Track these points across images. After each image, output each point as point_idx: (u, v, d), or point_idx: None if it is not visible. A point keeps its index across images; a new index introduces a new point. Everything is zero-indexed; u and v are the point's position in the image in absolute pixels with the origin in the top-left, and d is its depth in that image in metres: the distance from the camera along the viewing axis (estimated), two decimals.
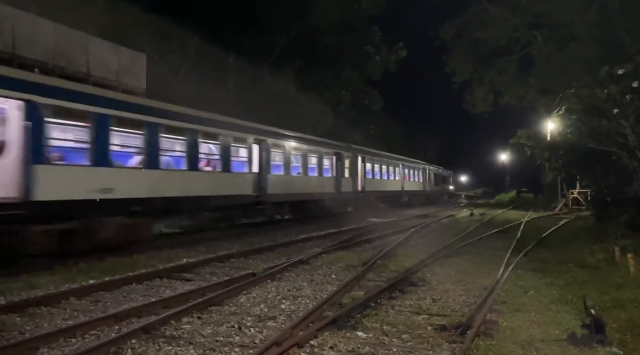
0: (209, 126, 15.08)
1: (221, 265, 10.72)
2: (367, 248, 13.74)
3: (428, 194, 44.83)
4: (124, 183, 11.81)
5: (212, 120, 15.43)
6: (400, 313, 7.07)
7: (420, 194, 42.00)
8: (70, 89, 10.87)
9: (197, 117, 14.76)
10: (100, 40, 13.28)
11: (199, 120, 14.74)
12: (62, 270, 9.57)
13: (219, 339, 5.74)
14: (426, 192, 44.25)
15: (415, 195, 40.10)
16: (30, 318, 6.60)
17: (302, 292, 8.23)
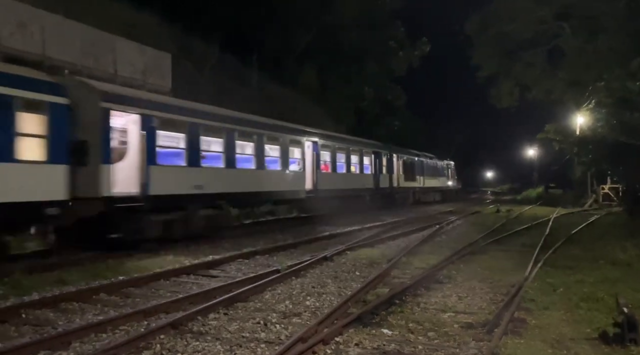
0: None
1: (246, 261, 10.82)
2: (391, 245, 13.68)
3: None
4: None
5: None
6: (426, 310, 7.02)
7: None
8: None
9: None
10: (127, 41, 13.55)
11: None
12: (91, 266, 9.80)
13: (245, 335, 5.79)
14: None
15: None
16: (62, 313, 6.77)
17: (327, 288, 8.24)
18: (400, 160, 30.36)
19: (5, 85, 8.95)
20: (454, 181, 47.45)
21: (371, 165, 25.53)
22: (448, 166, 45.10)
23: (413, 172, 33.33)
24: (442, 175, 42.72)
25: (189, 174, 13.02)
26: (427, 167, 36.76)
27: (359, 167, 24.07)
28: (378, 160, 26.30)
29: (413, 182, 33.36)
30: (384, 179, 27.41)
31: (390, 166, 28.37)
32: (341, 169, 22.32)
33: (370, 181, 25.43)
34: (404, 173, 31.02)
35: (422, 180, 35.27)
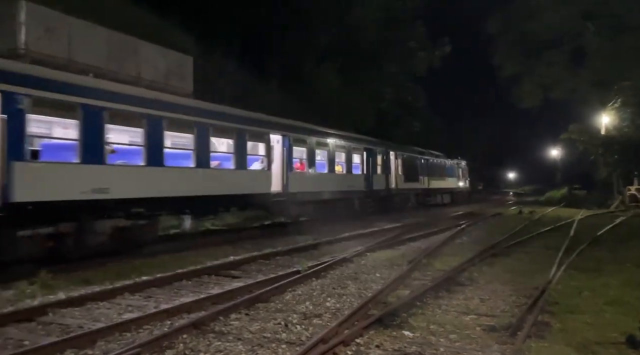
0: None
1: (267, 262, 10.89)
2: (412, 246, 13.60)
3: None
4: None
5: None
6: (447, 313, 6.96)
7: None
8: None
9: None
10: (150, 44, 13.70)
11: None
12: (115, 266, 9.97)
13: (267, 335, 5.83)
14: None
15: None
16: (88, 312, 6.91)
17: (347, 290, 8.24)
18: (399, 159, 27.37)
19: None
20: (466, 182, 43.83)
21: (362, 164, 22.51)
22: (458, 165, 41.33)
23: (416, 172, 30.26)
24: (452, 176, 38.96)
25: (84, 174, 10.13)
26: (432, 166, 33.60)
27: (345, 166, 21.01)
28: (371, 159, 23.29)
29: (415, 183, 30.22)
30: (379, 179, 24.24)
31: (386, 165, 25.37)
32: (322, 168, 19.18)
33: (360, 182, 22.36)
34: (405, 173, 27.96)
35: (426, 181, 32.11)
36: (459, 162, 41.39)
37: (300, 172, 17.82)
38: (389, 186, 25.67)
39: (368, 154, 23.02)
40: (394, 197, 26.64)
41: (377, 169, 24.13)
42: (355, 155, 21.95)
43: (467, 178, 44.20)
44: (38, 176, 9.39)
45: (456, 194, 39.72)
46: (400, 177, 27.36)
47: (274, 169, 16.32)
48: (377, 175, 23.95)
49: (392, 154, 26.46)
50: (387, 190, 25.25)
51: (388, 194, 25.46)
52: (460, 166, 41.51)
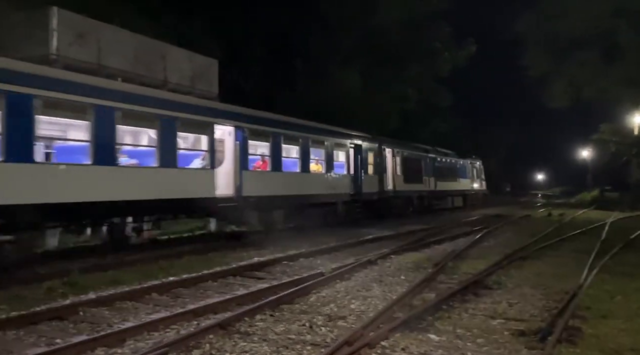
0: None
1: (291, 264, 10.92)
2: (438, 249, 13.45)
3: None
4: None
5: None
6: (475, 316, 6.86)
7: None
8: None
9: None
10: (176, 48, 13.94)
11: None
12: (143, 267, 10.14)
13: (291, 337, 5.84)
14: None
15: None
16: (117, 311, 7.04)
17: (372, 292, 8.20)
18: (397, 157, 24.00)
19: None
20: (481, 183, 39.35)
21: (348, 163, 19.39)
22: (473, 165, 37.05)
23: (419, 172, 26.81)
24: (464, 177, 34.93)
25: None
26: (440, 165, 30.02)
27: (325, 164, 17.83)
28: (360, 157, 19.98)
29: (419, 185, 26.64)
30: (370, 180, 20.86)
31: (381, 164, 22.02)
32: (292, 167, 16.23)
33: (345, 184, 19.07)
34: (405, 173, 24.56)
35: (432, 182, 28.44)
36: (473, 162, 37.30)
37: (261, 172, 15.03)
38: (385, 188, 22.36)
39: (356, 151, 19.88)
40: (391, 201, 23.24)
41: (368, 168, 20.84)
42: (338, 152, 19.05)
43: (483, 179, 39.82)
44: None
45: (470, 197, 35.92)
46: (398, 177, 23.98)
47: (223, 168, 13.60)
48: (367, 176, 20.65)
49: (389, 151, 23.25)
50: (381, 192, 21.84)
51: (383, 197, 22.08)
52: (474, 166, 37.48)
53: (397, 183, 23.76)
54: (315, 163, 17.54)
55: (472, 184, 36.66)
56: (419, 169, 26.88)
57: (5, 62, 9.01)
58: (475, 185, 37.33)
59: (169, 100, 12.10)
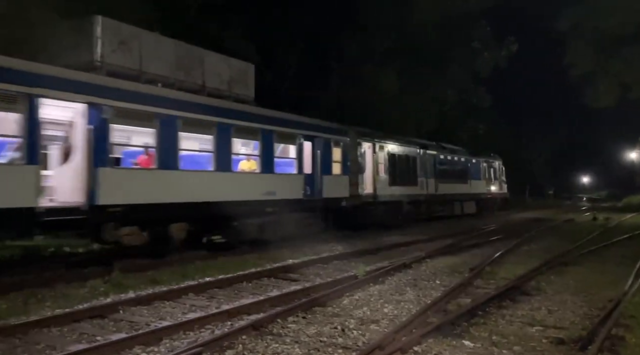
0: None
1: (324, 266, 10.94)
2: (475, 253, 13.18)
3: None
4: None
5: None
6: (512, 323, 6.69)
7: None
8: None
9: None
10: (214, 53, 14.22)
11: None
12: (180, 267, 10.39)
13: (323, 339, 5.86)
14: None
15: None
16: (155, 311, 7.24)
17: (405, 296, 8.12)
18: (380, 154, 19.52)
19: None
20: (501, 185, 33.67)
21: (299, 159, 14.84)
22: (489, 164, 31.59)
23: (413, 172, 21.94)
24: (477, 177, 29.52)
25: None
26: (444, 164, 25.21)
27: (261, 161, 13.44)
28: (320, 152, 15.68)
29: (411, 187, 21.69)
30: (336, 183, 16.36)
31: (355, 162, 17.71)
32: (201, 164, 12.43)
33: (294, 187, 14.64)
34: (392, 173, 20.06)
35: (431, 185, 23.52)
36: (489, 160, 31.90)
37: (136, 170, 11.04)
38: (360, 192, 17.97)
39: (315, 145, 15.59)
40: (371, 208, 18.68)
41: (333, 166, 16.36)
42: (284, 145, 14.86)
43: (503, 180, 34.12)
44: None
45: (485, 202, 30.61)
46: (382, 179, 19.46)
47: (72, 165, 9.79)
48: (332, 177, 16.19)
49: (368, 146, 18.91)
50: (354, 197, 17.36)
51: (357, 204, 17.58)
52: (492, 165, 32.03)
53: (379, 186, 19.18)
54: (248, 159, 13.53)
55: (487, 187, 31.17)
56: (413, 168, 22.06)
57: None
58: (492, 187, 31.90)
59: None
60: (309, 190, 15.28)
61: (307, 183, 15.29)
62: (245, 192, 13.02)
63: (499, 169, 33.36)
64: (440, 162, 24.95)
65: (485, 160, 31.26)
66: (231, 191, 12.51)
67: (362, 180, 18.40)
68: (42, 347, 5.59)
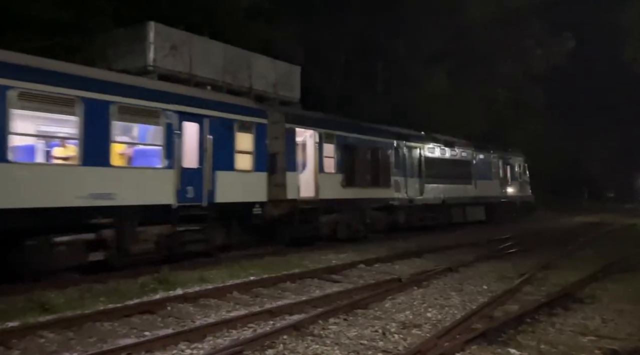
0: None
1: (368, 268, 10.87)
2: (526, 258, 12.71)
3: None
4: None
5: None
6: (562, 332, 6.42)
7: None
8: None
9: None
10: (261, 56, 14.48)
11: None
12: (226, 266, 10.62)
13: (364, 342, 5.82)
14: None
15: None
16: (200, 308, 7.43)
17: (450, 301, 7.95)
18: (330, 145, 14.78)
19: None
20: (523, 187, 27.84)
21: (168, 147, 10.52)
22: (505, 162, 25.79)
23: (384, 170, 16.80)
24: (487, 177, 23.79)
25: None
26: (432, 160, 19.55)
27: (84, 146, 9.09)
28: (212, 137, 11.41)
29: (381, 190, 16.58)
30: (242, 182, 12.10)
31: (288, 155, 13.27)
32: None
33: (162, 186, 10.45)
34: (348, 171, 15.21)
35: (412, 186, 18.21)
36: (505, 156, 25.94)
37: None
38: (293, 195, 13.21)
39: (204, 127, 11.27)
40: (313, 217, 13.99)
41: (237, 159, 11.98)
42: (140, 125, 10.69)
43: (525, 181, 28.29)
44: None
45: (499, 207, 24.53)
46: (330, 178, 14.62)
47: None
48: (234, 175, 11.86)
49: (308, 134, 14.33)
50: (275, 203, 12.81)
51: (285, 212, 13.03)
52: (508, 162, 26.05)
53: (325, 187, 14.31)
54: (61, 146, 9.37)
55: (502, 189, 25.25)
56: (384, 165, 16.85)
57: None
58: (509, 190, 25.86)
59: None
60: (190, 193, 10.91)
61: (187, 182, 10.82)
62: (48, 195, 8.58)
63: (519, 167, 27.45)
64: (429, 157, 19.34)
65: (499, 156, 25.19)
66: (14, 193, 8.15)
67: (295, 180, 13.45)
68: (94, 340, 5.86)
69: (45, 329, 6.06)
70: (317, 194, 14.19)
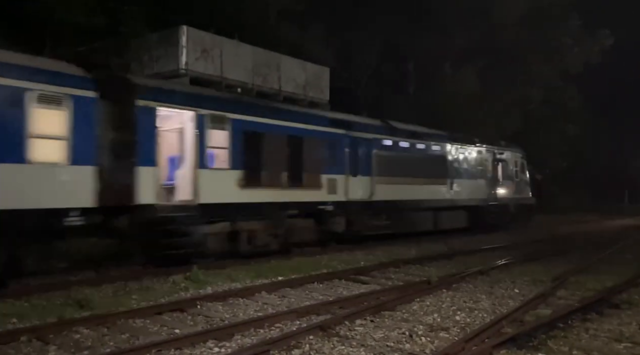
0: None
1: (396, 270, 10.82)
2: (560, 262, 12.39)
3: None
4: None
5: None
6: (596, 338, 6.23)
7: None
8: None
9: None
10: (290, 58, 14.57)
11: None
12: (255, 266, 10.74)
13: (390, 344, 5.80)
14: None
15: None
16: (229, 307, 7.54)
17: (480, 304, 7.82)
18: (219, 131, 11.44)
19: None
20: (517, 188, 23.04)
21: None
22: (495, 157, 21.44)
23: (311, 167, 13.31)
24: (472, 176, 19.85)
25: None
26: (389, 153, 15.94)
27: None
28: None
29: (306, 191, 13.17)
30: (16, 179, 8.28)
31: (115, 143, 9.63)
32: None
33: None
34: (249, 166, 11.84)
35: (356, 186, 14.56)
36: (494, 150, 21.53)
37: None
38: (139, 200, 9.79)
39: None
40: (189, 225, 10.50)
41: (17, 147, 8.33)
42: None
43: (524, 181, 23.85)
44: None
45: (486, 212, 20.33)
46: (220, 176, 11.33)
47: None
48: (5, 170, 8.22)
49: (189, 116, 11.00)
50: (112, 213, 9.59)
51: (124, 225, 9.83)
52: (499, 158, 21.67)
53: (211, 187, 10.97)
54: None
55: (491, 190, 20.98)
56: (311, 159, 13.29)
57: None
58: (500, 191, 21.52)
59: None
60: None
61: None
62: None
63: (516, 165, 23.05)
64: (383, 151, 15.67)
65: (487, 151, 21.01)
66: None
67: (151, 178, 9.97)
68: (127, 336, 6.02)
69: (80, 324, 6.27)
70: (195, 197, 10.66)
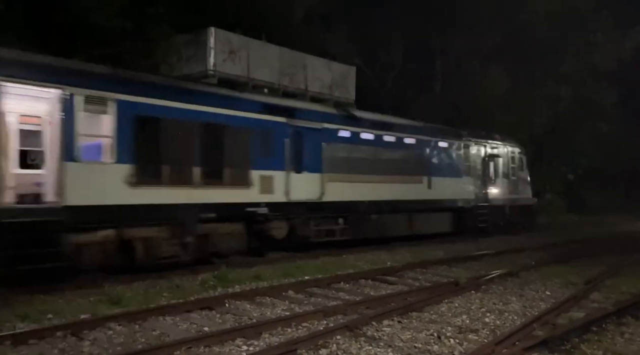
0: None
1: (424, 271, 10.71)
2: (594, 263, 12.07)
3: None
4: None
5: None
6: (632, 342, 6.06)
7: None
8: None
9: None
10: (316, 58, 14.58)
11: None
12: (282, 265, 10.80)
13: (417, 345, 5.76)
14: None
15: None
16: (257, 306, 7.60)
17: (510, 306, 7.69)
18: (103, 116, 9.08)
19: None
20: (516, 187, 20.50)
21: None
22: (487, 152, 19.10)
23: (237, 161, 11.10)
24: (453, 173, 17.41)
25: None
26: (347, 146, 13.71)
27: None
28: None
29: (235, 191, 11.00)
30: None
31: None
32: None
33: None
34: (145, 160, 9.51)
35: (301, 184, 12.31)
36: (485, 144, 19.13)
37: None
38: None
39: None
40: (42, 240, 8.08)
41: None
42: None
43: (522, 179, 21.13)
44: None
45: (474, 214, 17.90)
46: (99, 171, 9.04)
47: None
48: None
49: (50, 95, 8.64)
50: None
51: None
52: (492, 154, 19.34)
53: (86, 186, 8.73)
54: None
55: (482, 189, 18.60)
56: (237, 152, 11.17)
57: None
58: (493, 190, 19.12)
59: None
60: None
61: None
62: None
63: (512, 161, 20.42)
64: (338, 143, 13.49)
65: (476, 145, 18.60)
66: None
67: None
68: (157, 333, 6.14)
69: (113, 321, 6.42)
70: (60, 197, 8.52)
